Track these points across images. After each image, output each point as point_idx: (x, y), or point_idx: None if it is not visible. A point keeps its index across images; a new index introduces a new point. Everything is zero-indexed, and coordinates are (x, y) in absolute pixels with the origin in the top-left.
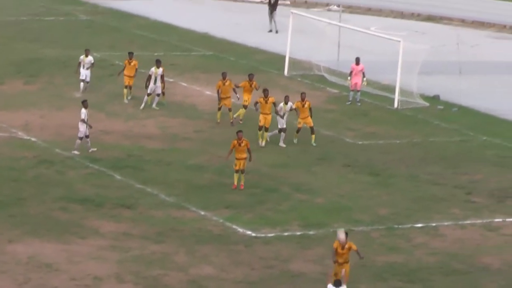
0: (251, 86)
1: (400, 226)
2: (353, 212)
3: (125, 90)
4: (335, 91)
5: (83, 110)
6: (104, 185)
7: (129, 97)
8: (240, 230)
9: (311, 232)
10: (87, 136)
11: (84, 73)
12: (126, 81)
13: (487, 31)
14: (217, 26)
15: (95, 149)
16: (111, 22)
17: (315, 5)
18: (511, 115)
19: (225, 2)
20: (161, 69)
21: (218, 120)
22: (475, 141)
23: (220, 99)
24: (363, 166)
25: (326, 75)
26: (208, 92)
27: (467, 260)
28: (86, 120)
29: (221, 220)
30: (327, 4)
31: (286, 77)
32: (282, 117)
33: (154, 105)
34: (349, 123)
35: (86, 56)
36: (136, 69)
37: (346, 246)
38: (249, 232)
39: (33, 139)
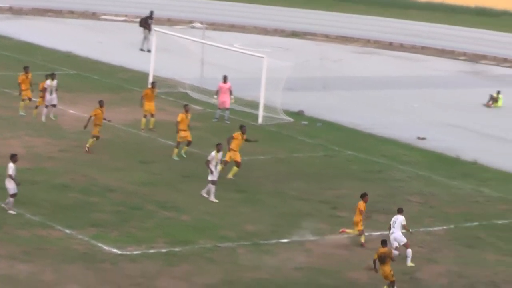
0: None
1: (266, 242)
2: (220, 228)
3: (22, 103)
4: (199, 108)
5: (11, 165)
6: None
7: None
8: (106, 248)
9: (177, 249)
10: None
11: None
12: (26, 94)
13: (351, 46)
14: (81, 45)
15: (14, 212)
16: None
17: (178, 22)
18: (375, 130)
19: (88, 21)
20: (55, 81)
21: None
22: (339, 156)
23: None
24: (229, 183)
25: (190, 92)
26: (72, 111)
27: (334, 275)
28: (13, 176)
29: (86, 239)
30: (190, 22)
31: None
32: (213, 168)
33: (52, 116)
34: (213, 139)
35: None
36: (31, 82)
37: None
38: (114, 250)
39: None
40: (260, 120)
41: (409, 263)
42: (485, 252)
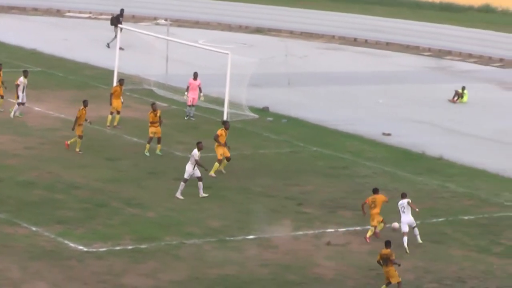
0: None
1: (232, 238)
2: (185, 225)
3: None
4: (164, 105)
5: None
6: None
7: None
8: (72, 245)
9: (143, 246)
10: None
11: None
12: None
13: (316, 42)
14: (46, 42)
15: None
16: None
17: (143, 19)
18: (340, 126)
19: (53, 18)
20: (26, 79)
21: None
22: (305, 152)
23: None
24: (194, 180)
25: (155, 89)
26: (37, 109)
27: (300, 271)
28: None
29: (53, 236)
30: (155, 18)
31: None
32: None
33: (18, 113)
34: (179, 136)
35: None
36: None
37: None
38: (81, 247)
39: None
40: (225, 117)
41: (420, 240)
42: (451, 247)
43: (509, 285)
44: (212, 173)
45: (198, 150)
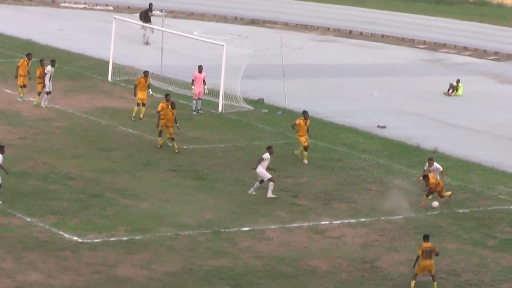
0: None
1: (226, 230)
2: (179, 216)
3: (20, 89)
4: (159, 95)
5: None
6: None
7: (20, 99)
8: (67, 236)
9: (137, 237)
10: None
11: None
12: (22, 80)
13: (311, 34)
14: (41, 32)
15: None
16: None
17: (138, 10)
18: (335, 118)
19: (48, 9)
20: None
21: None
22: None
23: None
24: (188, 171)
25: (150, 80)
26: (32, 99)
27: (294, 263)
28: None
29: (47, 226)
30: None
31: (110, 83)
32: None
33: (45, 103)
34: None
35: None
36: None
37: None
38: (75, 238)
39: None
40: (220, 108)
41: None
42: (446, 240)
43: (503, 278)
44: (304, 160)
45: (270, 154)
